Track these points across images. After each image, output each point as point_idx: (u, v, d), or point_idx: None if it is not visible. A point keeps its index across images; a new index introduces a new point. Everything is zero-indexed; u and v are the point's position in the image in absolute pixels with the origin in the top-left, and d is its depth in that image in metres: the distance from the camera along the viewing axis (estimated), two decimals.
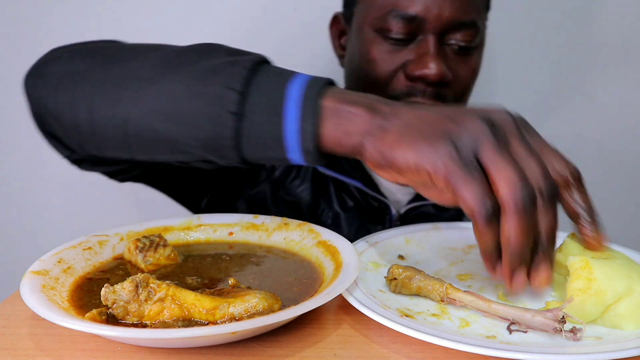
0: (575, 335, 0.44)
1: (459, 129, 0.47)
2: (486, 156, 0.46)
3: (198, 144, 0.54)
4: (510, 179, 0.45)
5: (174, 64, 0.56)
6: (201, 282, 0.53)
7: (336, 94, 0.52)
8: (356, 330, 0.48)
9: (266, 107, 0.51)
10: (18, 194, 1.30)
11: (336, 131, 0.51)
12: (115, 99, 0.56)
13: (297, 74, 0.53)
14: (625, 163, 1.28)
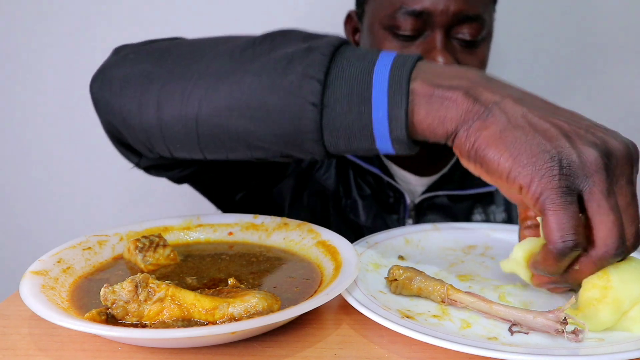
0: (577, 337, 0.44)
1: (571, 151, 0.43)
2: (592, 194, 0.43)
3: (277, 139, 0.51)
4: (611, 230, 0.43)
5: (246, 56, 0.52)
6: (201, 282, 0.53)
7: (429, 74, 0.47)
8: (356, 330, 0.48)
9: (350, 95, 0.47)
10: (18, 194, 1.30)
11: (429, 117, 0.46)
12: (184, 97, 0.53)
13: (380, 54, 0.49)
14: None
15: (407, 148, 0.49)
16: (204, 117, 0.52)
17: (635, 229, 0.45)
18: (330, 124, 0.48)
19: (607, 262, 0.45)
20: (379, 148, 0.49)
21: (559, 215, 0.42)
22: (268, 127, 0.50)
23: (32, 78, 1.22)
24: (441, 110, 0.46)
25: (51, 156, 1.24)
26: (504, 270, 0.53)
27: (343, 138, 0.49)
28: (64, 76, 1.21)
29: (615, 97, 1.24)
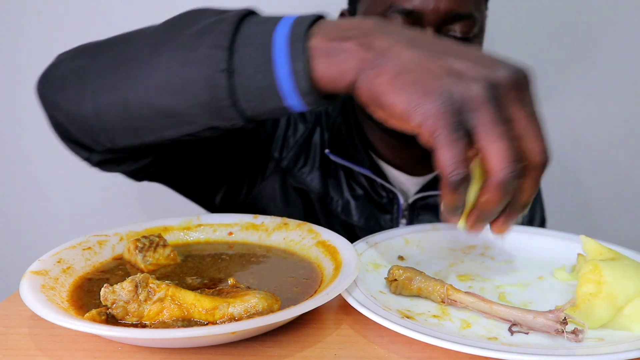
0: (577, 337, 0.44)
1: (457, 88, 0.45)
2: (481, 125, 0.45)
3: (198, 110, 0.53)
4: (502, 155, 0.44)
5: (164, 38, 0.56)
6: (201, 282, 0.53)
7: (326, 30, 0.50)
8: (356, 330, 0.48)
9: (255, 57, 0.50)
10: (18, 194, 1.30)
11: (329, 70, 0.49)
12: (113, 84, 0.57)
13: (283, 17, 0.52)
14: (625, 163, 1.28)
15: (317, 101, 0.50)
16: (132, 99, 0.56)
17: (541, 146, 0.46)
18: (241, 87, 0.50)
19: (506, 185, 0.45)
20: (291, 105, 0.51)
21: (448, 150, 0.44)
22: (189, 100, 0.53)
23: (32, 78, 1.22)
24: (339, 62, 0.48)
25: (51, 156, 1.24)
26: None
27: (254, 100, 0.51)
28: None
29: (615, 96, 1.24)
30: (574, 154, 1.28)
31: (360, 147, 0.91)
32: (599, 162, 1.28)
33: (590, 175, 1.30)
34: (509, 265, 0.61)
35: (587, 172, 1.29)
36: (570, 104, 1.25)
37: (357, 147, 0.91)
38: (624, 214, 1.31)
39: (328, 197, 0.91)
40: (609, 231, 1.31)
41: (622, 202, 1.31)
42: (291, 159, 0.92)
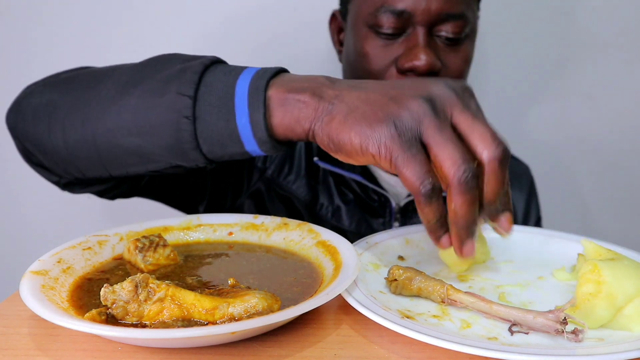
0: (577, 337, 0.44)
1: (399, 110, 0.48)
2: (428, 135, 0.48)
3: (163, 151, 0.56)
4: (452, 158, 0.46)
5: (133, 81, 0.58)
6: (201, 282, 0.53)
7: (283, 82, 0.53)
8: (356, 330, 0.48)
9: (217, 106, 0.53)
10: (18, 194, 1.30)
11: (285, 119, 0.52)
12: (83, 120, 0.60)
13: (246, 69, 0.55)
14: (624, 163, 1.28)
15: (273, 148, 0.54)
16: (100, 138, 0.59)
17: (488, 140, 0.48)
18: (204, 133, 0.54)
19: (465, 185, 0.46)
20: (249, 151, 0.55)
21: (410, 165, 0.47)
22: (154, 141, 0.56)
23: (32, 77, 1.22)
24: (295, 111, 0.52)
25: None
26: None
27: (217, 145, 0.55)
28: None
29: (615, 96, 1.24)
30: (571, 153, 1.28)
31: None
32: (596, 162, 1.28)
33: (587, 174, 1.30)
34: (509, 265, 0.61)
35: (584, 172, 1.29)
36: (567, 104, 1.25)
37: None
38: (621, 213, 1.31)
39: (317, 203, 0.92)
40: (606, 231, 1.32)
41: (620, 201, 1.31)
42: (275, 168, 0.92)
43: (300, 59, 1.18)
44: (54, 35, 1.19)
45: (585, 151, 1.27)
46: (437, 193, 0.47)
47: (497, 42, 1.21)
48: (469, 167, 0.47)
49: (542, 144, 1.27)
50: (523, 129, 1.26)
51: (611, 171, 1.29)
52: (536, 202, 1.04)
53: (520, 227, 0.69)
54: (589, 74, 1.23)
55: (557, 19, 1.20)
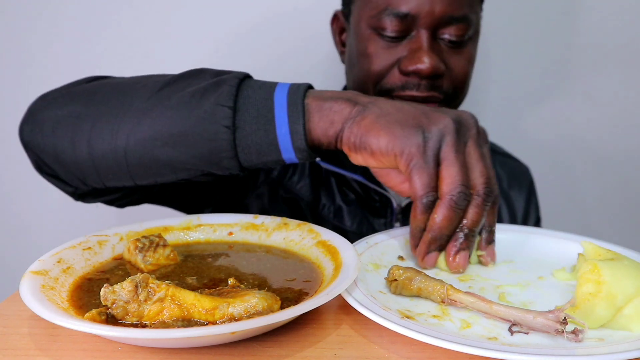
0: (577, 337, 0.44)
1: (430, 124, 0.54)
2: (445, 151, 0.54)
3: (197, 161, 0.58)
4: (454, 177, 0.53)
5: (165, 93, 0.60)
6: (201, 282, 0.53)
7: (319, 94, 0.58)
8: (356, 330, 0.48)
9: (257, 117, 0.56)
10: (18, 194, 1.30)
11: (321, 123, 0.56)
12: (113, 132, 0.60)
13: (278, 84, 0.59)
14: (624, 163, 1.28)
15: (308, 156, 0.58)
16: (132, 149, 0.60)
17: (484, 181, 0.55)
18: (242, 142, 0.57)
19: (454, 204, 0.54)
20: (285, 159, 0.58)
21: (422, 174, 0.53)
22: (189, 151, 0.58)
23: (32, 77, 1.22)
24: (330, 115, 0.56)
25: None
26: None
27: (254, 153, 0.58)
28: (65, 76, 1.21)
29: (614, 96, 1.24)
30: (571, 153, 1.28)
31: None
32: (596, 162, 1.28)
33: (587, 174, 1.30)
34: (509, 265, 0.61)
35: (584, 172, 1.29)
36: (567, 104, 1.25)
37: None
38: (621, 213, 1.31)
39: (319, 204, 0.92)
40: (606, 231, 1.32)
41: (620, 201, 1.31)
42: (281, 170, 0.92)
43: (302, 60, 1.18)
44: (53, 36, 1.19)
45: (585, 151, 1.27)
46: (432, 208, 0.54)
47: (497, 42, 1.21)
48: (464, 191, 0.53)
49: (542, 144, 1.27)
50: (523, 129, 1.26)
51: (611, 171, 1.29)
52: (536, 203, 1.04)
53: (520, 227, 0.69)
54: (589, 74, 1.23)
55: (558, 19, 1.20)
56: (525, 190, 1.02)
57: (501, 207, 0.98)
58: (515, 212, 1.00)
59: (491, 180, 0.56)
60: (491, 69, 1.23)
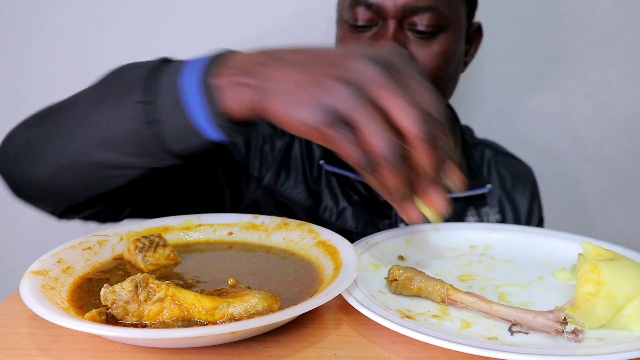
0: (577, 337, 0.44)
1: (321, 94, 0.49)
2: (351, 117, 0.48)
3: (135, 158, 0.59)
4: (376, 138, 0.47)
5: (94, 100, 0.61)
6: (201, 282, 0.53)
7: (222, 67, 0.55)
8: (356, 330, 0.48)
9: (171, 105, 0.55)
10: None
11: (233, 103, 0.53)
12: (59, 149, 0.62)
13: (188, 62, 0.57)
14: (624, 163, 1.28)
15: (233, 131, 0.55)
16: (76, 161, 0.61)
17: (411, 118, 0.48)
18: (164, 133, 0.56)
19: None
20: (213, 138, 0.56)
21: (343, 144, 0.48)
22: (125, 151, 0.58)
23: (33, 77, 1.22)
24: (237, 94, 0.53)
25: None
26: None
27: (181, 141, 0.56)
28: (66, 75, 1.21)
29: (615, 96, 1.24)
30: (571, 153, 1.28)
31: None
32: (596, 162, 1.28)
33: (587, 174, 1.30)
34: (509, 265, 0.61)
35: (584, 172, 1.29)
36: (567, 104, 1.25)
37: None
38: (621, 213, 1.31)
39: (320, 207, 0.91)
40: (606, 231, 1.31)
41: (620, 201, 1.31)
42: (272, 176, 0.92)
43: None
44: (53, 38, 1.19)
45: (585, 151, 1.27)
46: (374, 166, 0.48)
47: (497, 42, 1.21)
48: (393, 149, 0.47)
49: (542, 144, 1.27)
50: (523, 129, 1.26)
51: (611, 171, 1.29)
52: (539, 203, 1.04)
53: (520, 227, 0.69)
54: (589, 74, 1.23)
55: (557, 19, 1.20)
56: (529, 191, 1.02)
57: (505, 207, 0.98)
58: (519, 212, 1.00)
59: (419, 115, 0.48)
60: (490, 68, 1.23)
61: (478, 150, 1.02)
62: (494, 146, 1.05)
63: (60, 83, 1.21)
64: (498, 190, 0.99)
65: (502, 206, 0.97)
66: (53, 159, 0.63)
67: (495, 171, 1.01)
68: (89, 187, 0.64)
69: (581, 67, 1.22)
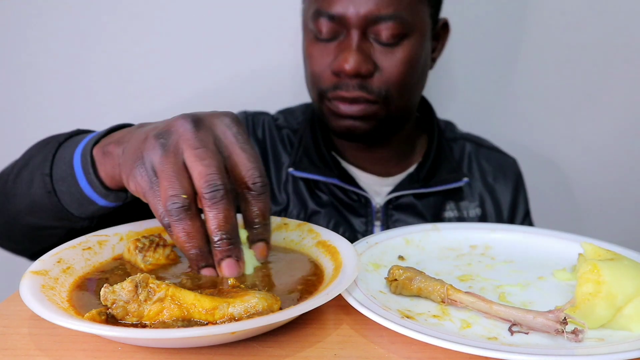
0: (577, 337, 0.44)
1: (141, 154, 0.51)
2: (156, 169, 0.50)
3: (55, 222, 0.65)
4: (164, 191, 0.49)
5: (19, 171, 0.69)
6: (201, 282, 0.53)
7: (105, 139, 0.60)
8: (356, 330, 0.48)
9: (63, 176, 0.62)
10: None
11: (107, 168, 0.59)
12: (2, 211, 0.71)
13: (88, 136, 0.63)
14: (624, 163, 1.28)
15: (118, 198, 0.62)
16: (14, 222, 0.70)
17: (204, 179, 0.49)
18: (64, 201, 0.63)
19: (173, 214, 0.49)
20: (102, 205, 0.62)
21: (151, 205, 0.51)
22: (45, 215, 0.65)
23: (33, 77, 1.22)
24: (109, 161, 0.58)
25: None
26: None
27: (79, 206, 0.63)
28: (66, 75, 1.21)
29: (615, 96, 1.24)
30: (571, 153, 1.28)
31: (327, 156, 0.92)
32: (596, 162, 1.28)
33: (586, 174, 1.30)
34: (509, 265, 0.61)
35: (583, 172, 1.29)
36: (567, 104, 1.25)
37: (325, 157, 0.92)
38: (620, 213, 1.31)
39: (287, 213, 0.92)
40: (606, 231, 1.32)
41: (619, 201, 1.31)
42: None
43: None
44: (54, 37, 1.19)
45: (584, 151, 1.27)
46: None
47: (496, 41, 1.21)
48: (176, 202, 0.48)
49: (541, 144, 1.27)
50: (522, 129, 1.26)
51: (611, 171, 1.29)
52: (524, 195, 1.04)
53: (520, 227, 0.69)
54: (589, 74, 1.23)
55: (557, 18, 1.20)
56: (512, 183, 1.02)
57: (485, 200, 0.98)
58: (500, 205, 0.99)
59: (211, 177, 0.49)
60: (489, 68, 1.23)
61: (458, 144, 1.02)
62: (476, 140, 1.05)
63: (59, 83, 1.21)
64: (479, 184, 0.99)
65: (483, 200, 0.97)
66: (1, 217, 0.72)
67: (477, 165, 1.01)
68: (37, 243, 0.70)
69: (581, 67, 1.22)
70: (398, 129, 0.91)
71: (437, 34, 0.92)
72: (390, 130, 0.90)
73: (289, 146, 0.97)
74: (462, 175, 0.94)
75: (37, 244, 0.70)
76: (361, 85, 0.82)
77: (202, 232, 0.50)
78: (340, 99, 0.84)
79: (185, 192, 0.49)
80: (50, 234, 0.67)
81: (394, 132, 0.91)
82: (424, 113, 1.01)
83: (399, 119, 0.89)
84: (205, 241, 0.50)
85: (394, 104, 0.85)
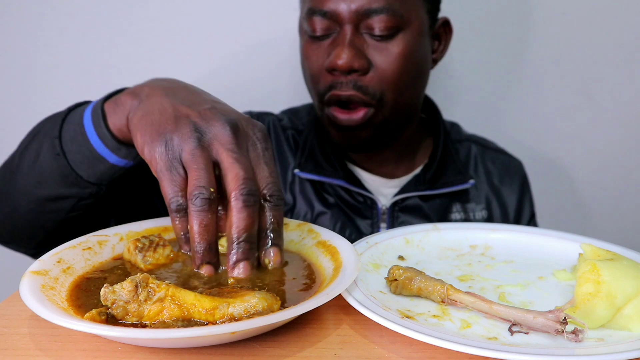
0: (577, 337, 0.44)
1: (173, 132, 0.52)
2: (185, 160, 0.51)
3: (64, 188, 0.65)
4: (194, 182, 0.50)
5: (26, 145, 0.70)
6: (201, 282, 0.53)
7: (117, 95, 0.61)
8: (356, 330, 0.48)
9: (73, 136, 0.63)
10: None
11: (116, 120, 0.60)
12: (7, 196, 0.71)
13: (92, 103, 0.64)
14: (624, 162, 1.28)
15: (127, 155, 0.63)
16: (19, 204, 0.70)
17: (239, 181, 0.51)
18: (73, 162, 0.63)
19: (197, 207, 0.50)
20: (114, 164, 0.63)
21: (165, 184, 0.51)
22: (53, 183, 0.65)
23: (33, 76, 1.22)
24: (119, 110, 0.60)
25: None
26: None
27: (89, 167, 0.63)
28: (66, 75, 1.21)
29: (615, 96, 1.24)
30: (571, 153, 1.28)
31: (333, 157, 0.92)
32: (596, 162, 1.28)
33: (587, 174, 1.30)
34: (509, 265, 0.61)
35: (584, 172, 1.29)
36: (567, 104, 1.25)
37: (330, 159, 0.92)
38: (621, 213, 1.31)
39: (293, 214, 0.92)
40: (606, 231, 1.32)
41: (619, 201, 1.31)
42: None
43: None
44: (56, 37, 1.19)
45: (584, 151, 1.27)
46: (183, 212, 0.51)
47: (496, 41, 1.21)
48: (203, 193, 0.50)
49: (541, 144, 1.27)
50: (522, 129, 1.26)
51: (611, 171, 1.29)
52: (530, 198, 1.03)
53: (520, 227, 0.69)
54: (588, 74, 1.23)
55: (557, 18, 1.20)
56: (518, 185, 1.01)
57: (492, 202, 0.98)
58: (506, 207, 0.99)
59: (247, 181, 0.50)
60: (489, 68, 1.23)
61: (464, 146, 1.02)
62: (481, 142, 1.04)
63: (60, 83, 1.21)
64: (485, 186, 0.98)
65: (489, 202, 0.97)
66: (6, 203, 0.71)
67: (482, 167, 1.00)
68: (42, 226, 0.70)
69: (581, 67, 1.22)
70: (399, 132, 0.91)
71: (437, 33, 0.91)
72: (390, 134, 0.89)
73: (294, 147, 0.97)
74: (468, 177, 0.94)
75: (41, 229, 0.70)
76: (356, 85, 0.81)
77: (216, 229, 0.51)
78: (336, 101, 0.83)
79: (213, 187, 0.50)
80: (58, 208, 0.67)
81: (395, 135, 0.90)
82: (430, 114, 1.00)
83: (397, 122, 0.88)
84: (215, 239, 0.52)
85: (390, 105, 0.84)
